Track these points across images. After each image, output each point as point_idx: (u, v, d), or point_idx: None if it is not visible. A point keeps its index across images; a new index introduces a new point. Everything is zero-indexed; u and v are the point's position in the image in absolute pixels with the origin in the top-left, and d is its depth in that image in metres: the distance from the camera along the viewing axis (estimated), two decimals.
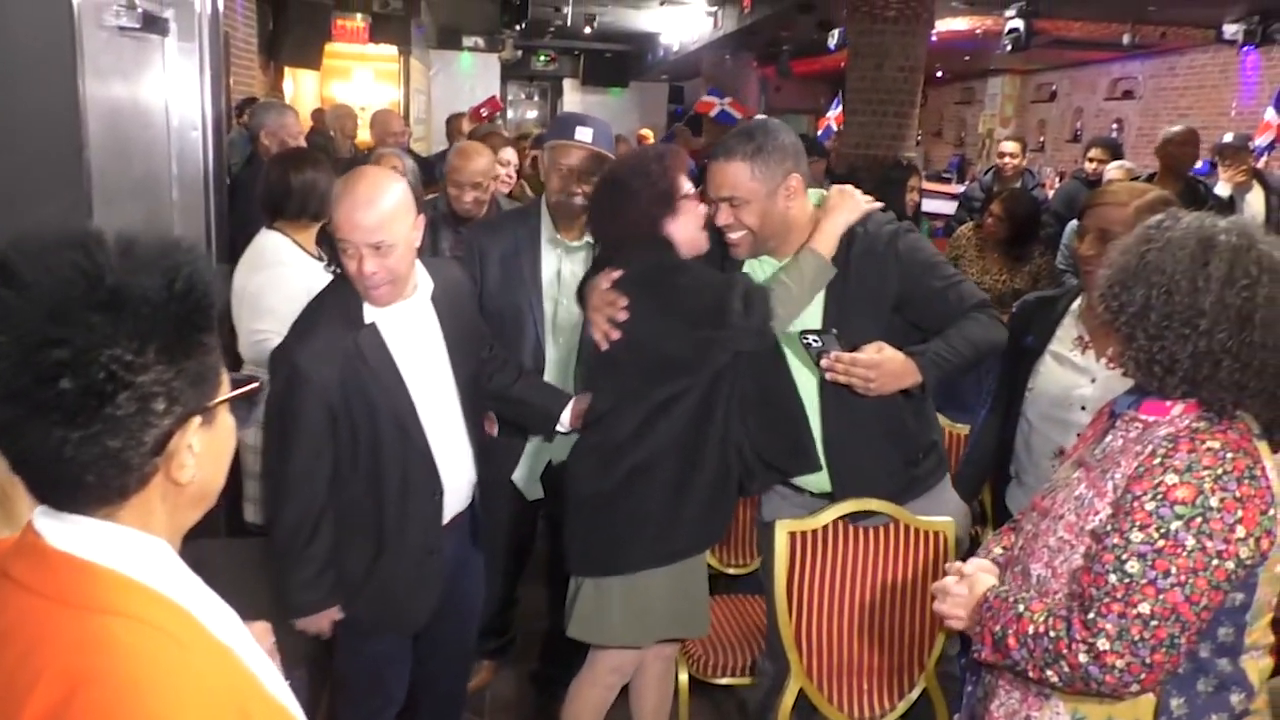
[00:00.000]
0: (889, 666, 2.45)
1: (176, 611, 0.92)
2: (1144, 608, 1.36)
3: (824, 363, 2.17)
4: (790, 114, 20.56)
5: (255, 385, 1.04)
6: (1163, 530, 1.37)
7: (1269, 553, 1.39)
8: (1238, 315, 1.39)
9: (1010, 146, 6.66)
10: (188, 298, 0.90)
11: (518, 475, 2.85)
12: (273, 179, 3.05)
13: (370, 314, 2.08)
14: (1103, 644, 1.38)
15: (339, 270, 2.10)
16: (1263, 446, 1.44)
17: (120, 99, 2.92)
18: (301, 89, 11.99)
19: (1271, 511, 1.38)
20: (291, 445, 2.06)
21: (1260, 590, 1.43)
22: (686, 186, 2.28)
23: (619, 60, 20.06)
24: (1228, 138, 6.28)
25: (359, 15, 12.73)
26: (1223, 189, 5.96)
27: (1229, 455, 1.38)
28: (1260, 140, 7.59)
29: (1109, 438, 1.57)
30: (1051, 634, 1.43)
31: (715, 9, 13.21)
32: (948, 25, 11.48)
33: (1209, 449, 1.39)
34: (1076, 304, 2.42)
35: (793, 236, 2.30)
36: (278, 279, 2.88)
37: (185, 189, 3.29)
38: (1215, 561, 1.35)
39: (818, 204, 2.35)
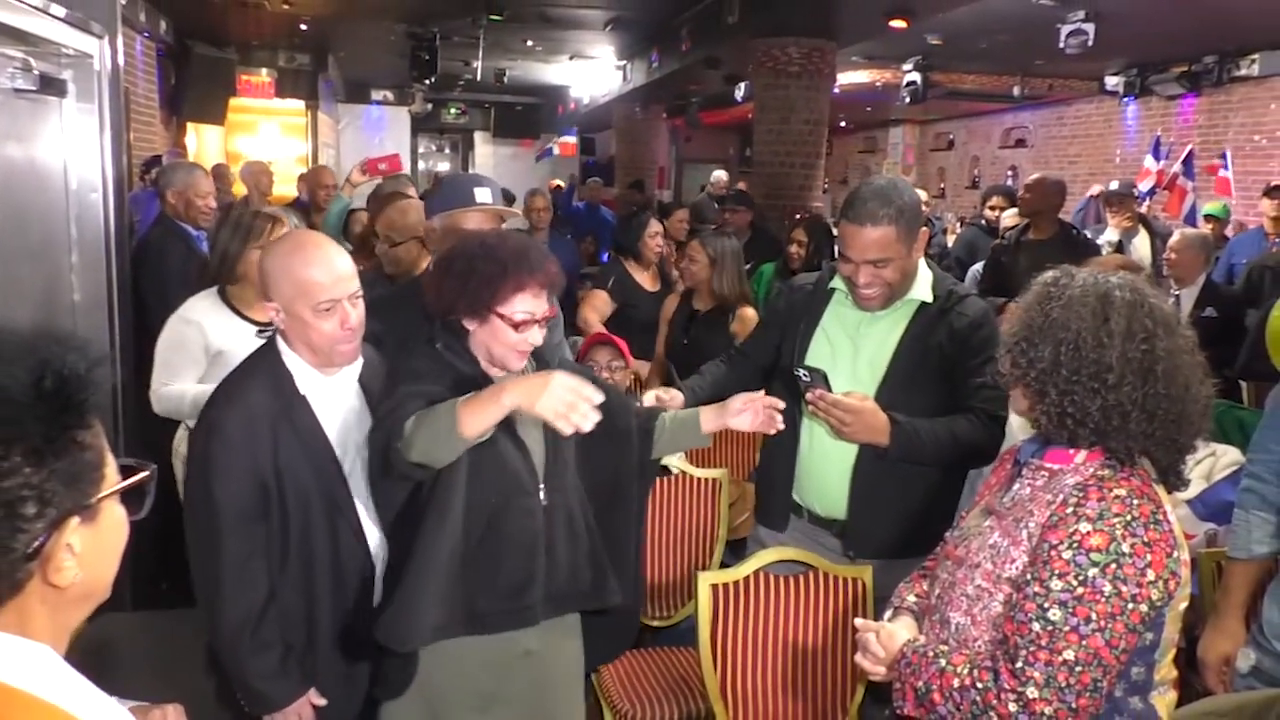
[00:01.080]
0: (813, 714, 2.46)
1: (62, 718, 0.87)
2: (1069, 654, 1.39)
3: (808, 397, 2.23)
4: (701, 164, 21.00)
5: (145, 475, 0.99)
6: (1080, 577, 1.40)
7: (1175, 593, 1.45)
8: (1140, 368, 1.45)
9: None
10: (58, 395, 0.86)
11: None
12: (223, 240, 3.03)
13: (303, 385, 1.97)
14: (1031, 692, 1.40)
15: (271, 333, 2.01)
16: (1160, 490, 1.51)
17: (16, 161, 2.84)
18: (205, 144, 11.80)
19: (1176, 554, 1.44)
20: (220, 529, 1.86)
21: (1166, 629, 1.48)
22: (516, 306, 1.89)
23: (530, 112, 20.20)
24: (1114, 185, 6.63)
25: (264, 70, 12.64)
26: (1111, 234, 6.26)
27: (1135, 502, 1.44)
28: (1142, 186, 8.00)
29: (1016, 485, 1.62)
30: (979, 685, 1.44)
31: (624, 63, 13.44)
32: (849, 78, 11.88)
33: (1117, 496, 1.44)
34: None
35: (910, 282, 2.41)
36: (173, 333, 2.90)
37: (85, 252, 3.19)
38: (1131, 605, 1.40)
39: None
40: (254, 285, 2.01)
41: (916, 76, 10.57)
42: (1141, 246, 6.26)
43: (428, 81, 12.23)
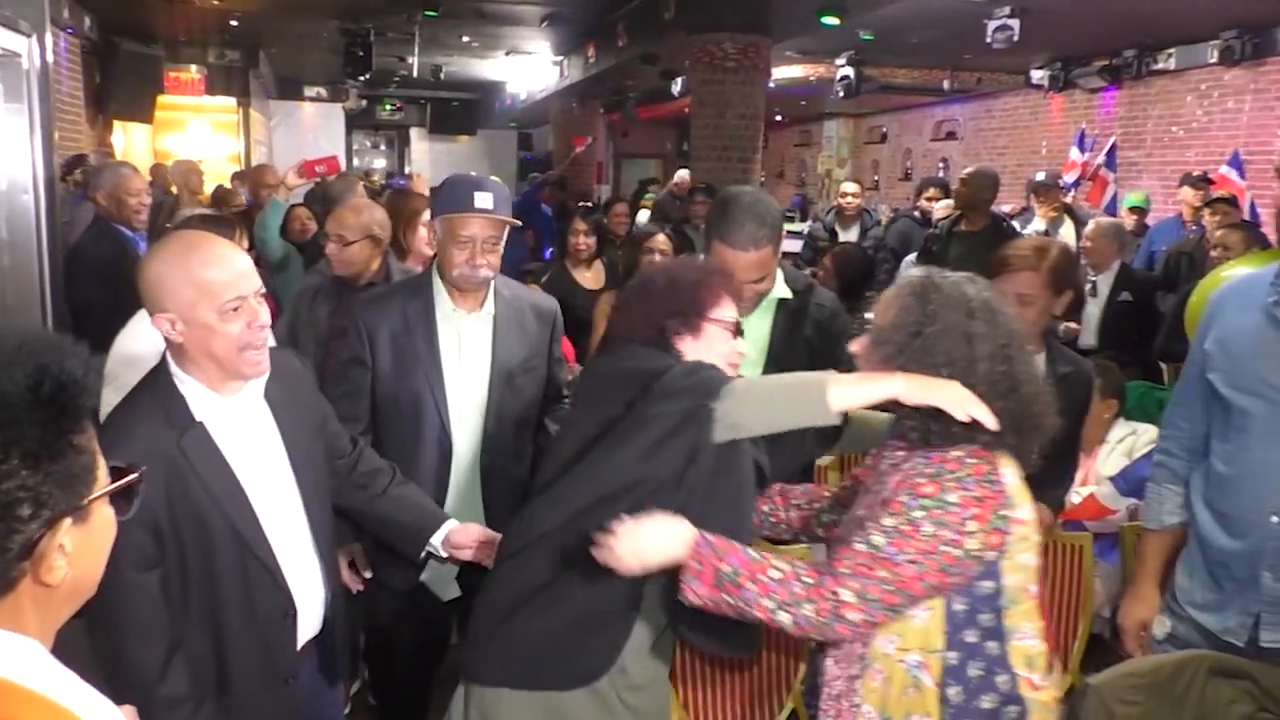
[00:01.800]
0: (759, 689, 2.53)
1: (56, 711, 0.89)
2: (882, 574, 1.54)
3: None
4: (638, 159, 21.07)
5: (135, 477, 1.02)
6: (908, 517, 1.55)
7: (1002, 547, 1.57)
8: (1004, 374, 1.60)
9: (850, 187, 7.04)
10: (55, 400, 0.88)
11: (427, 575, 2.51)
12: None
13: (199, 411, 1.77)
14: (845, 595, 1.54)
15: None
16: (1003, 456, 1.63)
17: None
18: (133, 143, 11.54)
19: (1004, 512, 1.57)
20: (113, 582, 1.60)
21: (1008, 578, 1.60)
22: (726, 312, 1.91)
23: (467, 108, 20.07)
24: (1040, 176, 6.81)
25: (193, 67, 12.40)
26: (1039, 224, 6.46)
27: (970, 461, 1.59)
28: (1067, 177, 8.25)
29: (885, 463, 1.75)
30: (804, 580, 1.55)
31: (561, 59, 13.44)
32: (784, 73, 12.02)
33: (955, 457, 1.60)
34: None
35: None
36: (128, 349, 2.70)
37: (17, 254, 3.15)
38: (945, 548, 1.54)
39: None
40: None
41: (850, 71, 10.74)
42: (1067, 235, 6.46)
43: (362, 78, 12.11)
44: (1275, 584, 1.94)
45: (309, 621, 1.95)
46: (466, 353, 2.53)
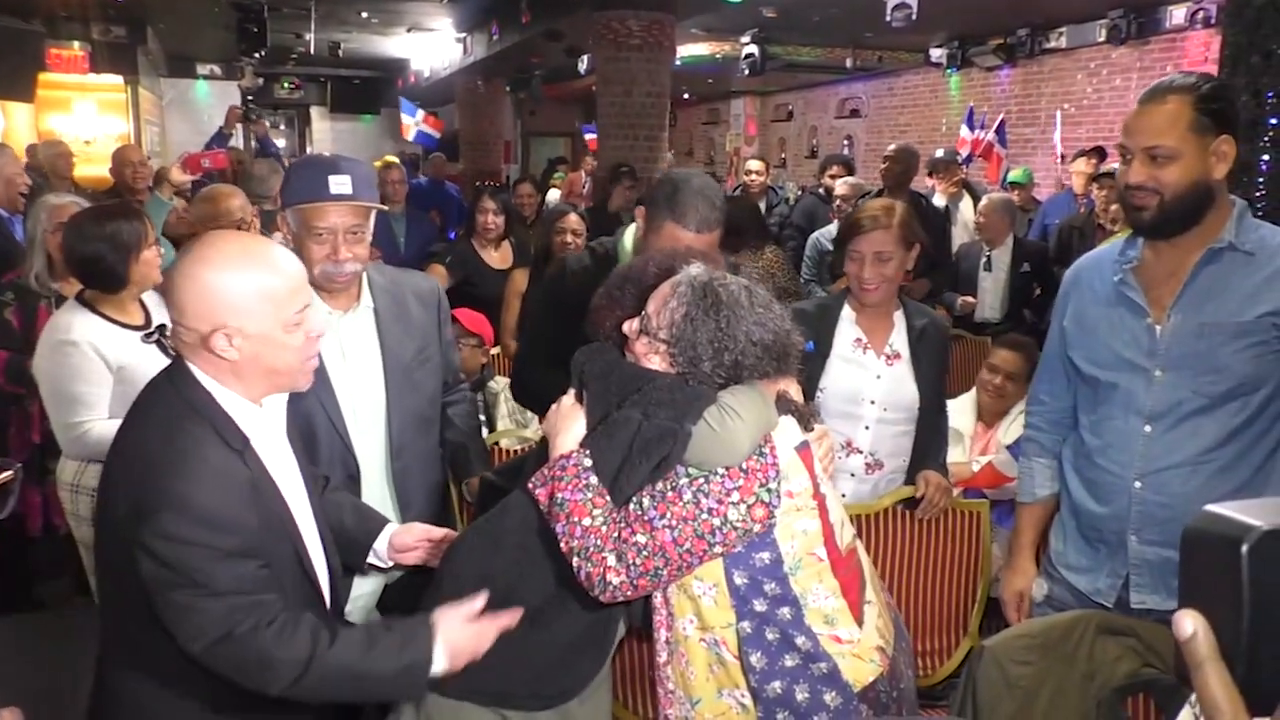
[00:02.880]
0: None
1: None
2: (640, 538, 1.58)
3: None
4: (546, 136, 20.90)
5: (9, 475, 0.98)
6: (674, 485, 1.61)
7: (768, 520, 1.62)
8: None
9: (755, 165, 7.08)
10: None
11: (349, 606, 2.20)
12: (70, 242, 2.78)
13: (246, 426, 1.60)
14: (611, 560, 1.58)
15: (174, 352, 1.64)
16: (788, 422, 1.68)
17: None
18: (14, 124, 10.98)
19: (771, 484, 1.62)
20: (255, 630, 1.50)
21: (785, 545, 1.65)
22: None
23: (369, 86, 19.62)
24: (939, 153, 6.95)
25: (76, 43, 11.82)
26: (939, 199, 6.60)
27: None
28: (960, 154, 8.45)
29: None
30: (596, 542, 1.59)
31: (464, 35, 13.22)
32: (690, 50, 12.05)
33: None
34: (845, 311, 2.69)
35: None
36: (64, 362, 2.62)
37: None
38: (705, 515, 1.59)
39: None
40: (177, 304, 1.56)
41: (754, 49, 10.84)
42: (966, 210, 6.61)
43: (257, 55, 11.74)
44: (1141, 547, 2.03)
45: None
46: (352, 357, 2.28)
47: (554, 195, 9.79)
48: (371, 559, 2.00)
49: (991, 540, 2.81)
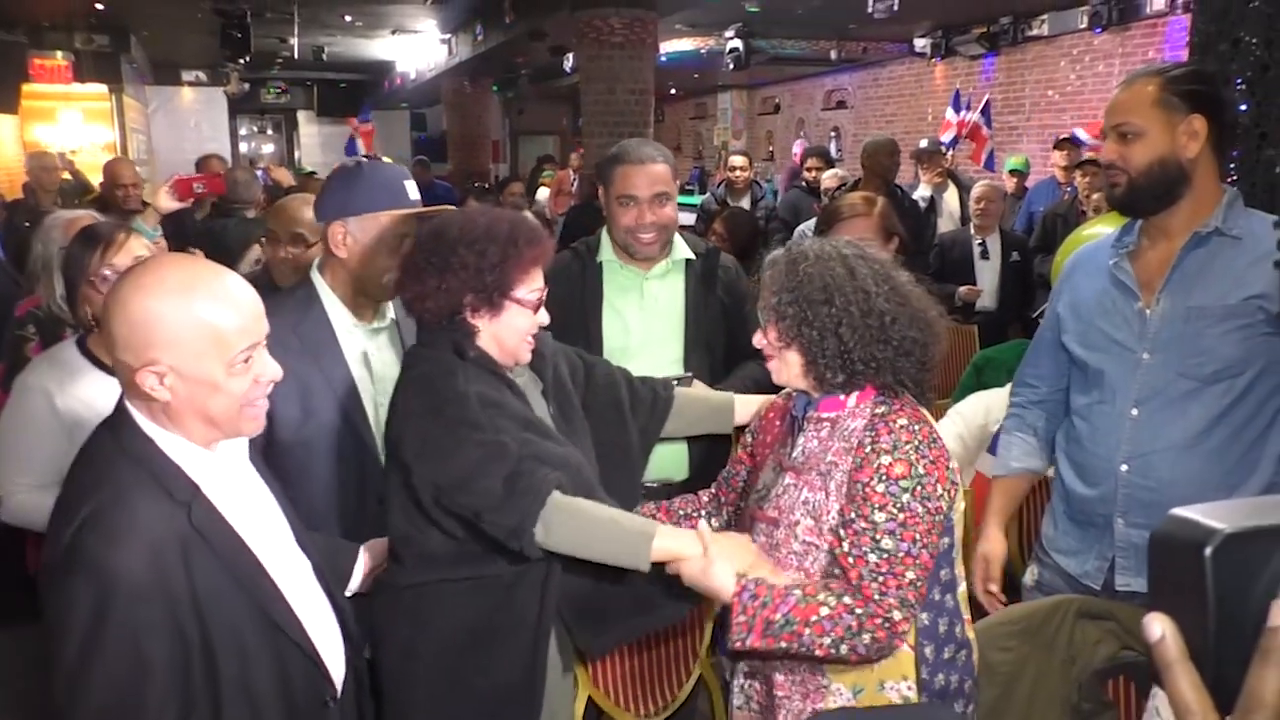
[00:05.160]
0: (666, 659, 2.58)
1: None
2: (910, 575, 1.56)
3: None
4: (535, 135, 20.89)
5: None
6: (898, 505, 1.57)
7: (955, 497, 1.64)
8: (896, 310, 1.65)
9: (738, 160, 7.10)
10: None
11: None
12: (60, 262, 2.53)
13: (196, 474, 1.44)
14: (895, 615, 1.55)
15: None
16: (924, 410, 1.70)
17: None
18: (0, 135, 10.97)
19: (950, 464, 1.63)
20: (147, 710, 1.32)
21: (955, 531, 1.68)
22: (532, 285, 1.85)
23: (355, 89, 19.58)
24: (923, 144, 6.98)
25: (59, 53, 11.79)
26: (924, 190, 6.63)
27: (916, 427, 1.62)
28: (944, 138, 8.46)
29: (802, 439, 1.75)
30: (856, 611, 1.55)
31: (449, 36, 13.21)
32: (675, 46, 12.05)
33: (902, 426, 1.62)
34: None
35: (672, 237, 2.56)
36: (13, 409, 2.31)
37: None
38: (937, 518, 1.59)
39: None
40: (109, 334, 1.40)
41: (738, 43, 10.85)
42: (951, 200, 6.65)
43: (242, 60, 11.70)
44: (1127, 530, 2.06)
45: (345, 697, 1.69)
46: (379, 368, 2.19)
47: (543, 194, 9.82)
48: (352, 588, 1.95)
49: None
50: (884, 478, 1.58)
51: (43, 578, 1.36)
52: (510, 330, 1.84)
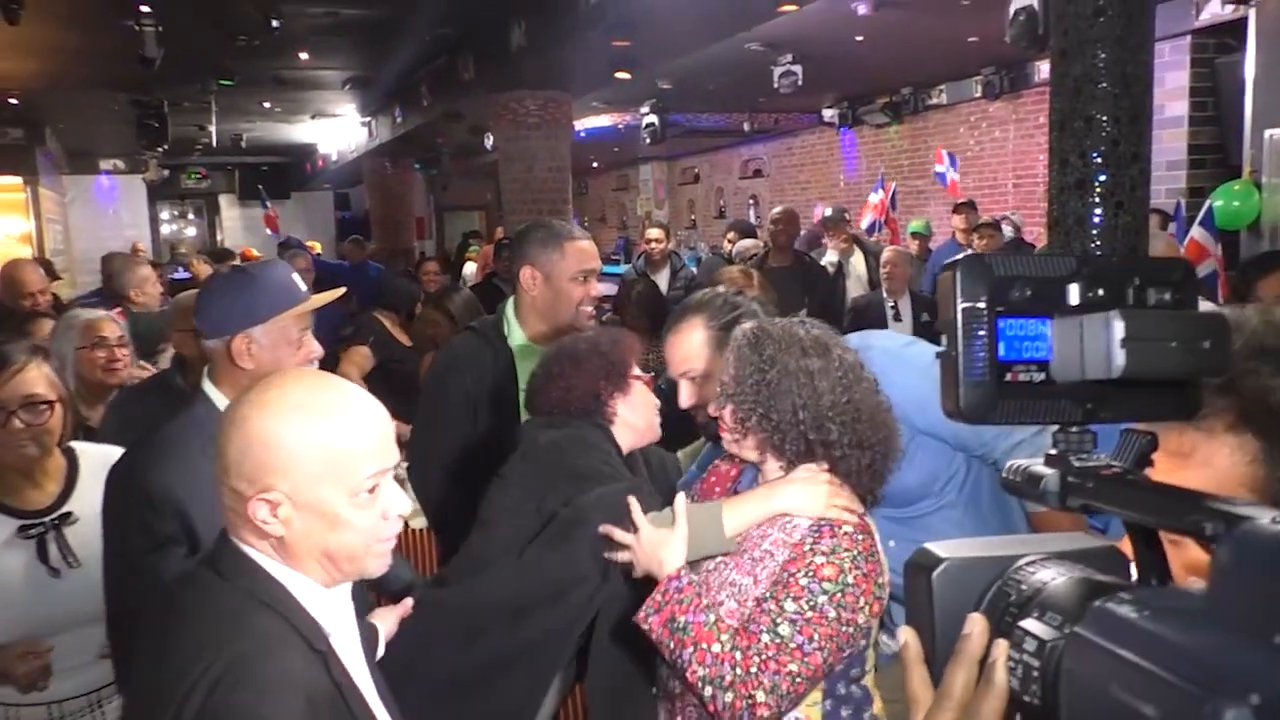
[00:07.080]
0: None
1: None
2: (793, 667, 1.54)
3: None
4: (460, 210, 21.06)
5: None
6: (811, 603, 1.56)
7: (878, 613, 1.67)
8: (854, 407, 1.67)
9: (654, 233, 7.29)
10: None
11: None
12: None
13: (324, 620, 1.25)
14: (760, 696, 1.52)
15: (59, 560, 1.37)
16: (870, 520, 1.71)
17: None
18: None
19: (881, 579, 1.66)
20: None
21: (873, 635, 1.70)
22: (638, 368, 2.13)
23: (277, 172, 19.58)
24: (828, 212, 7.27)
25: None
26: (831, 256, 6.88)
27: (860, 537, 1.65)
28: (864, 222, 8.81)
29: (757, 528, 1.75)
30: (736, 670, 1.54)
31: (369, 119, 13.37)
32: (592, 122, 12.35)
33: (846, 533, 1.64)
34: None
35: None
36: None
37: None
38: (846, 628, 1.59)
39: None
40: (221, 457, 1.24)
41: (654, 119, 11.17)
42: (858, 264, 6.91)
43: (160, 149, 11.70)
44: None
45: None
46: None
47: (470, 269, 9.91)
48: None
49: None
50: (811, 574, 1.58)
51: None
52: (644, 407, 2.08)
